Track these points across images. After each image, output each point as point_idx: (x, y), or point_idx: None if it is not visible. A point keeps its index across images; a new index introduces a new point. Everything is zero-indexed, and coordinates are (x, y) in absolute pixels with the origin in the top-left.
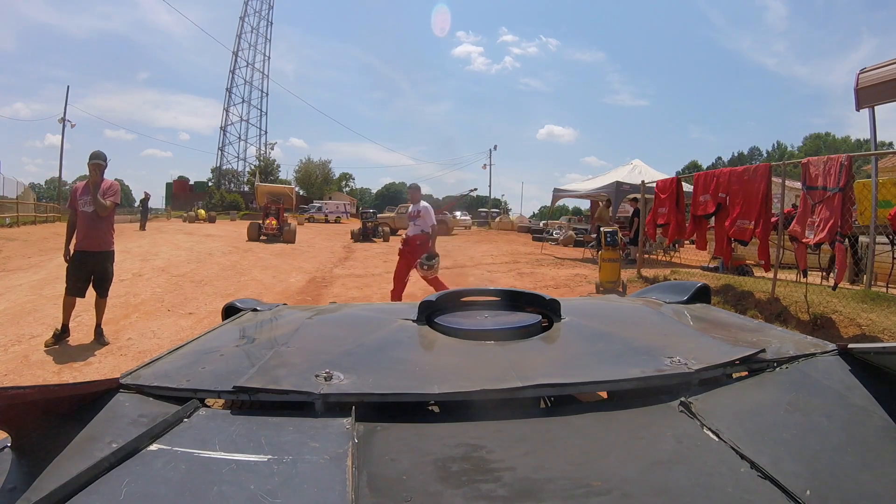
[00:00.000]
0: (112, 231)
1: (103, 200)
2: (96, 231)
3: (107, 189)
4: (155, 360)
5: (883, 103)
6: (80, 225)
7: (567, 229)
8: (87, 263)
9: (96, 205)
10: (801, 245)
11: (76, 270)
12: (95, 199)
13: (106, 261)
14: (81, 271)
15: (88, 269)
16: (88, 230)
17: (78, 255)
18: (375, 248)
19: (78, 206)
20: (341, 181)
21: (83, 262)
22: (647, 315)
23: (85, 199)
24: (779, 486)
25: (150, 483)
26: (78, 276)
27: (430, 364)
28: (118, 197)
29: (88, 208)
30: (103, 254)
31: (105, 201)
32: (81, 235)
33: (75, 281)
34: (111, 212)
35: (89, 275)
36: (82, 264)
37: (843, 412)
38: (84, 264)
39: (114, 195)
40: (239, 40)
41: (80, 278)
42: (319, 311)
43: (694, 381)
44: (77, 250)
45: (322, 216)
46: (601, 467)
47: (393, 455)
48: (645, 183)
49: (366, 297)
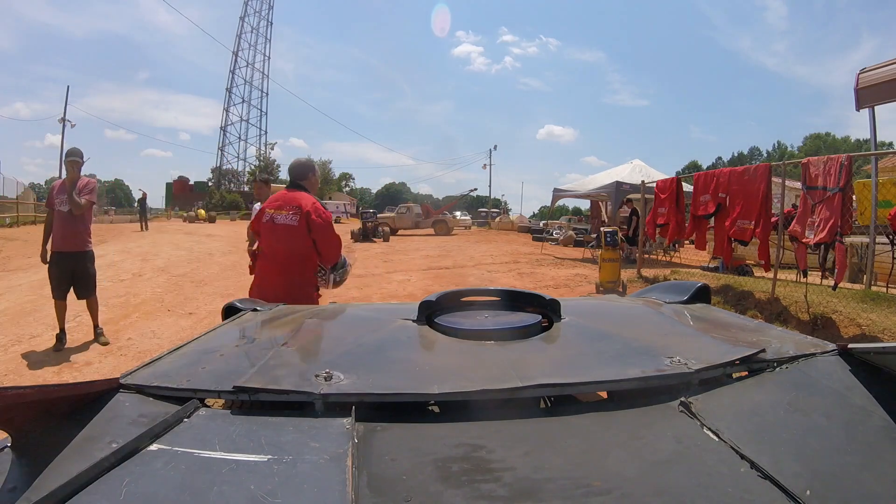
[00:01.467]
0: (89, 230)
1: (79, 199)
2: (72, 231)
3: (83, 187)
4: (155, 360)
5: (883, 103)
6: (57, 225)
7: (567, 229)
8: (66, 264)
9: (72, 203)
10: (801, 245)
11: (57, 273)
12: (71, 197)
13: (85, 261)
14: (62, 273)
15: (69, 271)
16: (65, 230)
17: (56, 257)
18: (375, 248)
19: (55, 206)
20: (341, 181)
21: (62, 263)
22: (647, 315)
23: (61, 198)
24: (779, 486)
25: (150, 483)
26: (60, 279)
27: (430, 364)
28: (94, 195)
29: (64, 207)
30: (81, 254)
31: (80, 199)
32: (58, 236)
33: (58, 283)
34: (88, 211)
35: (70, 276)
36: (62, 265)
37: (843, 412)
38: (63, 265)
39: (90, 193)
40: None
41: (62, 280)
42: (319, 311)
43: (694, 381)
44: (54, 251)
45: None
46: (601, 467)
47: (393, 455)
48: (645, 183)
49: (366, 297)
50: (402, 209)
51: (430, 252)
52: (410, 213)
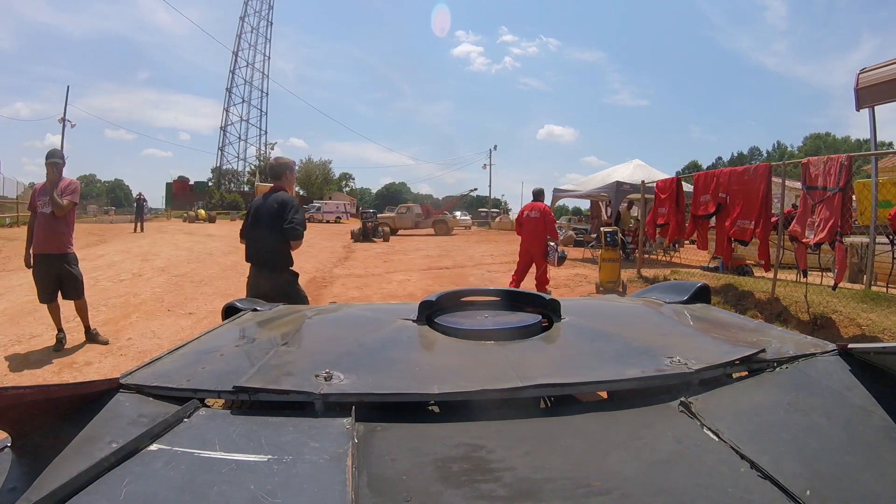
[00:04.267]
0: (71, 232)
1: (60, 200)
2: (54, 233)
3: (65, 188)
4: (155, 360)
5: (883, 103)
6: (38, 227)
7: (567, 229)
8: (50, 267)
9: (53, 205)
10: (801, 245)
11: (41, 276)
12: (53, 198)
13: (68, 263)
14: (46, 276)
15: (53, 274)
16: (47, 232)
17: (39, 259)
18: (375, 248)
19: (37, 208)
20: (341, 181)
21: (45, 266)
22: (647, 315)
23: (43, 200)
24: (779, 486)
25: (150, 483)
26: (44, 282)
27: (430, 364)
28: (77, 196)
29: (46, 209)
30: (63, 256)
31: (62, 200)
32: (40, 237)
33: (43, 287)
34: (71, 213)
35: (55, 279)
36: (45, 268)
37: (843, 412)
38: (47, 268)
39: (72, 194)
40: (239, 40)
41: (46, 283)
42: (319, 311)
43: (694, 381)
44: (36, 253)
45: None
46: (601, 467)
47: (393, 455)
48: (645, 183)
49: (366, 297)
50: (402, 209)
51: (430, 252)
52: (410, 213)
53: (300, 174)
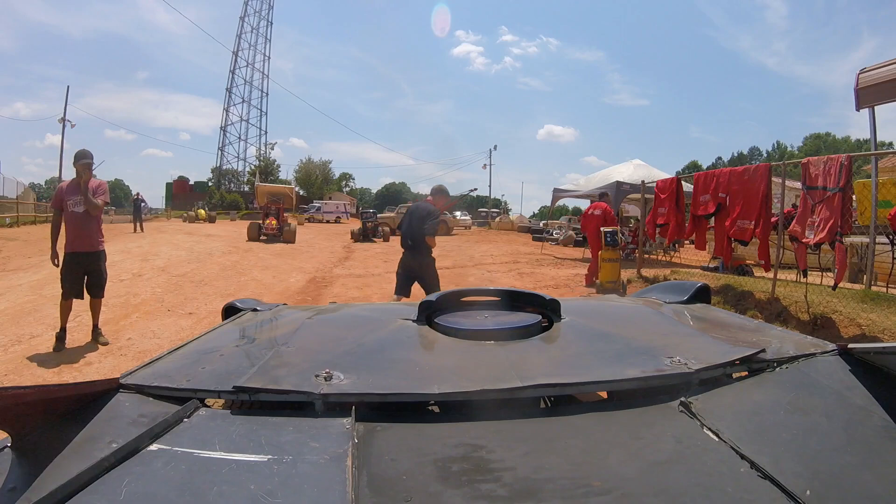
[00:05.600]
0: (101, 230)
1: (95, 200)
2: (87, 231)
3: (96, 188)
4: (155, 360)
5: (883, 103)
6: (70, 226)
7: (567, 229)
8: (80, 265)
9: (89, 205)
10: (801, 245)
11: (70, 273)
12: (87, 198)
13: (99, 260)
14: (76, 273)
15: (82, 271)
16: (80, 230)
17: (70, 257)
18: (375, 248)
19: (67, 207)
20: (341, 181)
21: (76, 264)
22: (647, 315)
23: (74, 199)
24: (779, 486)
25: (150, 483)
26: (73, 279)
27: (430, 364)
28: (108, 196)
29: (79, 208)
30: (96, 254)
31: (97, 200)
32: (72, 236)
33: (71, 283)
34: (100, 211)
35: (83, 276)
36: (76, 266)
37: (843, 412)
38: (77, 266)
39: (104, 194)
40: (239, 40)
41: (75, 280)
42: (319, 311)
43: (694, 381)
44: (69, 252)
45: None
46: (601, 467)
47: (393, 455)
48: (645, 183)
49: (366, 297)
50: (403, 209)
51: None
52: None
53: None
